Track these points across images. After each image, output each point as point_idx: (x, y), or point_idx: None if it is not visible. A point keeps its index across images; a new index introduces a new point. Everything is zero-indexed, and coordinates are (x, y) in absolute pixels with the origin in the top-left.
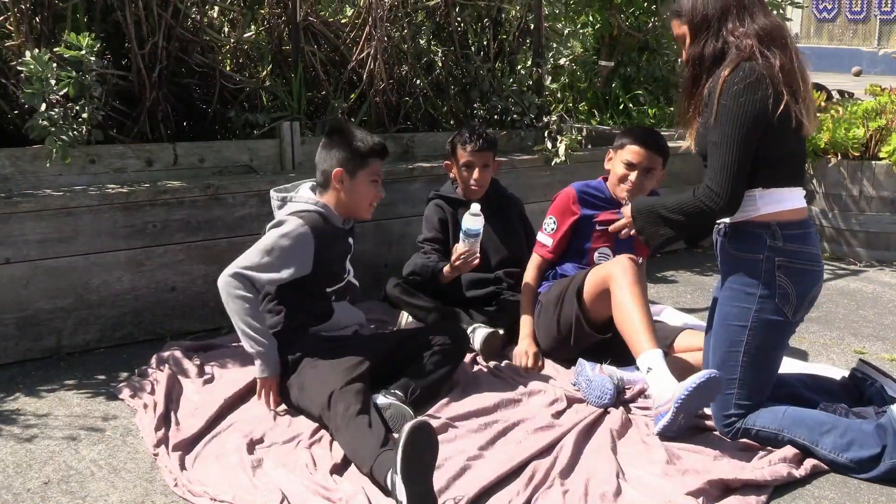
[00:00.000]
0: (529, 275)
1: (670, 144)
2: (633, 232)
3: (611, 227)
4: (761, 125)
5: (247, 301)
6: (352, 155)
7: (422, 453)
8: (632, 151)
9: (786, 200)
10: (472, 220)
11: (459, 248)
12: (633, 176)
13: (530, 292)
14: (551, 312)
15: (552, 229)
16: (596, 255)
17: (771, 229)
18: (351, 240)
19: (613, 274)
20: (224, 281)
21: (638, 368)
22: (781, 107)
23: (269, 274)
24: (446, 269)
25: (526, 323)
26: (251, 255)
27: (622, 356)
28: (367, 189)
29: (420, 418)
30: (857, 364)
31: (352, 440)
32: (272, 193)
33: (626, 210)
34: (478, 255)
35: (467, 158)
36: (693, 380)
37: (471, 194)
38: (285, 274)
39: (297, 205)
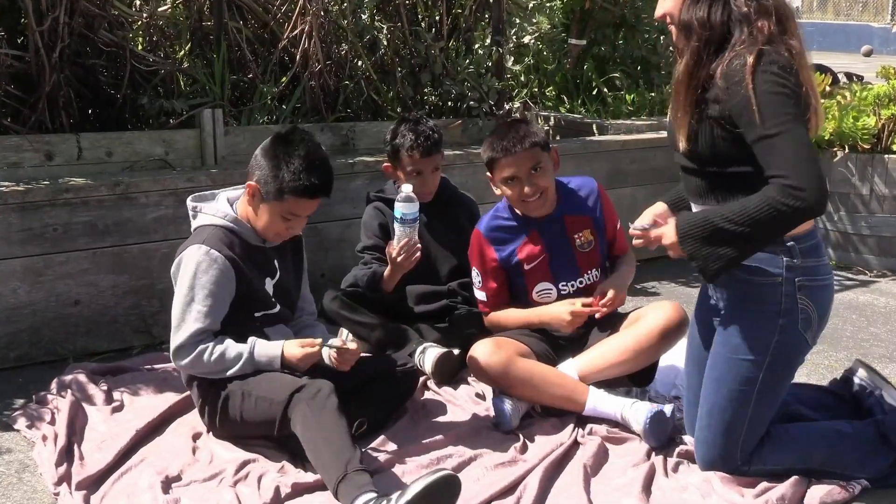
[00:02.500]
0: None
1: (652, 135)
2: (676, 254)
3: (653, 235)
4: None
5: (210, 355)
6: (271, 178)
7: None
8: (503, 165)
9: None
10: (406, 204)
11: (396, 240)
12: (527, 188)
13: (502, 313)
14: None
15: (479, 282)
16: (535, 294)
17: (787, 246)
18: (277, 263)
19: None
20: (181, 365)
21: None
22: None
23: (210, 318)
24: (387, 271)
25: (524, 312)
26: (181, 316)
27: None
28: (274, 221)
29: (447, 471)
30: (853, 364)
31: (331, 428)
32: (188, 202)
33: (669, 231)
34: (419, 245)
35: (415, 167)
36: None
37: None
38: (225, 308)
39: (205, 217)
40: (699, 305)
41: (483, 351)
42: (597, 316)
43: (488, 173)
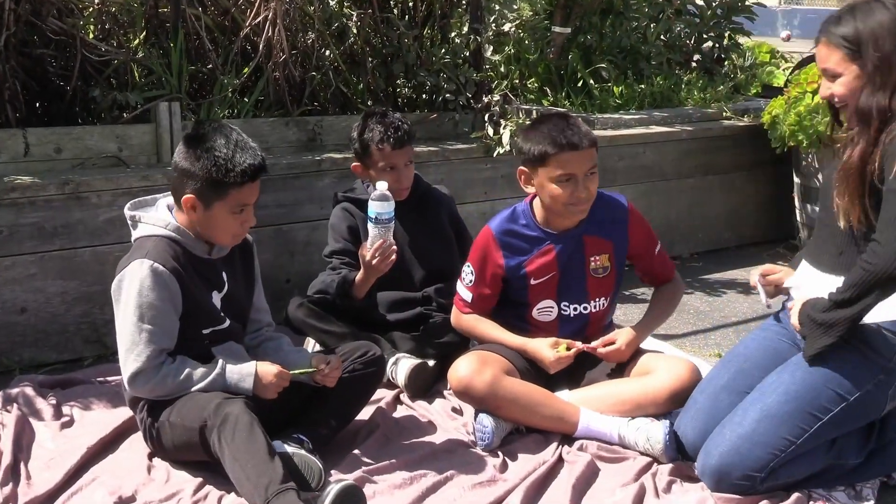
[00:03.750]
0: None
1: (642, 130)
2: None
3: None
4: None
5: (175, 377)
6: (205, 182)
7: None
8: (563, 161)
9: None
10: (381, 203)
11: (370, 241)
12: (581, 191)
13: (481, 321)
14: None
15: (470, 281)
16: (536, 312)
17: None
18: (225, 274)
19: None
20: (140, 391)
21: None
22: None
23: (166, 337)
24: (359, 275)
25: (506, 335)
26: (133, 339)
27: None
28: (226, 221)
29: (348, 481)
30: None
31: (243, 455)
32: (126, 211)
33: (795, 320)
34: (395, 247)
35: (387, 161)
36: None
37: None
38: (176, 324)
39: (145, 227)
40: (777, 319)
41: (467, 369)
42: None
43: (524, 167)
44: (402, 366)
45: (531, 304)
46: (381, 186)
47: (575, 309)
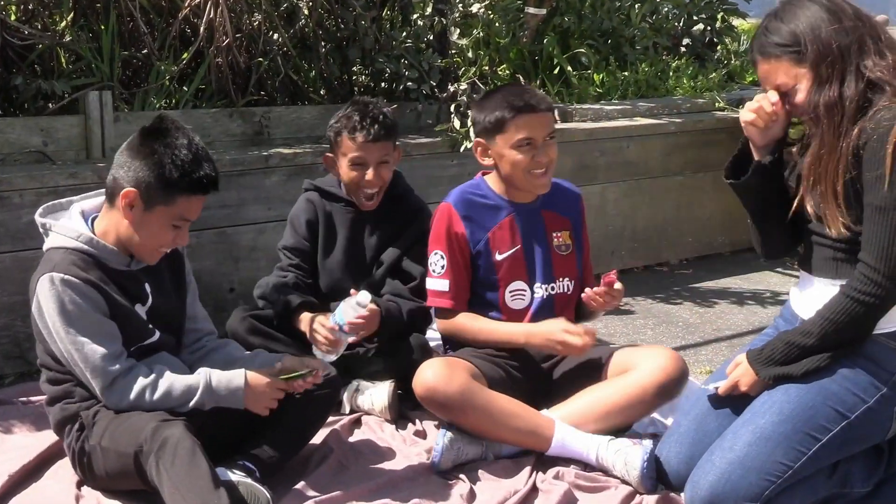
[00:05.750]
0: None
1: (625, 122)
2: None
3: (721, 390)
4: None
5: (153, 392)
6: (155, 179)
7: None
8: (522, 124)
9: None
10: (351, 310)
11: (324, 331)
12: (541, 156)
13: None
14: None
15: (442, 267)
16: (508, 297)
17: None
18: (148, 286)
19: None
20: (121, 408)
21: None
22: None
23: (108, 339)
24: (303, 322)
25: (507, 326)
26: (81, 359)
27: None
28: (161, 232)
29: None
30: None
31: (183, 484)
32: (37, 218)
33: (744, 374)
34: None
35: (357, 154)
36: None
37: (364, 202)
38: (111, 323)
39: (56, 238)
40: (785, 317)
41: (435, 374)
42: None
43: (480, 139)
44: (379, 390)
45: (501, 286)
46: (363, 298)
47: (545, 289)
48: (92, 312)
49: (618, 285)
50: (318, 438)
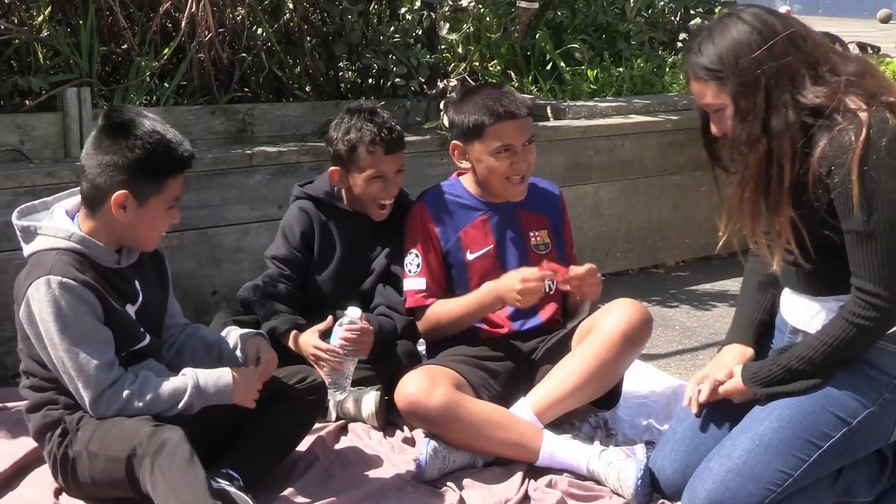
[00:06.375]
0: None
1: (620, 119)
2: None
3: (702, 398)
4: None
5: (140, 397)
6: (142, 173)
7: None
8: (500, 132)
9: None
10: (342, 327)
11: (323, 353)
12: (520, 162)
13: (441, 303)
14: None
15: (418, 265)
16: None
17: None
18: (138, 283)
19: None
20: (107, 415)
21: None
22: None
23: (104, 347)
24: (292, 342)
25: (469, 296)
26: (74, 367)
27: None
28: (159, 220)
29: None
30: None
31: (181, 487)
32: (15, 220)
33: (737, 389)
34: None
35: (377, 167)
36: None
37: (377, 213)
38: (108, 332)
39: (45, 240)
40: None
41: (417, 387)
42: (558, 285)
43: (458, 142)
44: (366, 397)
45: (472, 285)
46: (354, 313)
47: None
48: (88, 318)
49: (585, 267)
50: (303, 446)
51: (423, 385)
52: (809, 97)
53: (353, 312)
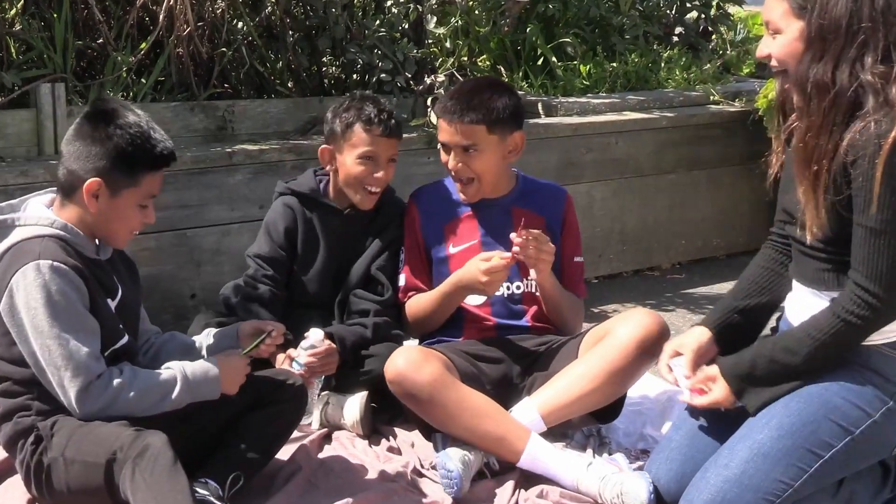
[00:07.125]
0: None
1: (614, 116)
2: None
3: (706, 404)
4: None
5: (128, 392)
6: (118, 163)
7: None
8: (439, 127)
9: None
10: (304, 352)
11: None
12: (458, 163)
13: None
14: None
15: (402, 261)
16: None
17: None
18: (116, 278)
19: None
20: (90, 414)
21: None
22: None
23: (92, 337)
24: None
25: (440, 286)
26: (62, 356)
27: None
28: (130, 214)
29: None
30: None
31: (164, 494)
32: None
33: (721, 393)
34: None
35: (369, 148)
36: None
37: (363, 200)
38: (96, 323)
39: (26, 230)
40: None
41: (407, 360)
42: (515, 252)
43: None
44: (350, 403)
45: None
46: (316, 336)
47: (506, 287)
48: (78, 305)
49: (535, 232)
50: (285, 454)
51: (413, 359)
52: (867, 68)
53: (315, 335)
